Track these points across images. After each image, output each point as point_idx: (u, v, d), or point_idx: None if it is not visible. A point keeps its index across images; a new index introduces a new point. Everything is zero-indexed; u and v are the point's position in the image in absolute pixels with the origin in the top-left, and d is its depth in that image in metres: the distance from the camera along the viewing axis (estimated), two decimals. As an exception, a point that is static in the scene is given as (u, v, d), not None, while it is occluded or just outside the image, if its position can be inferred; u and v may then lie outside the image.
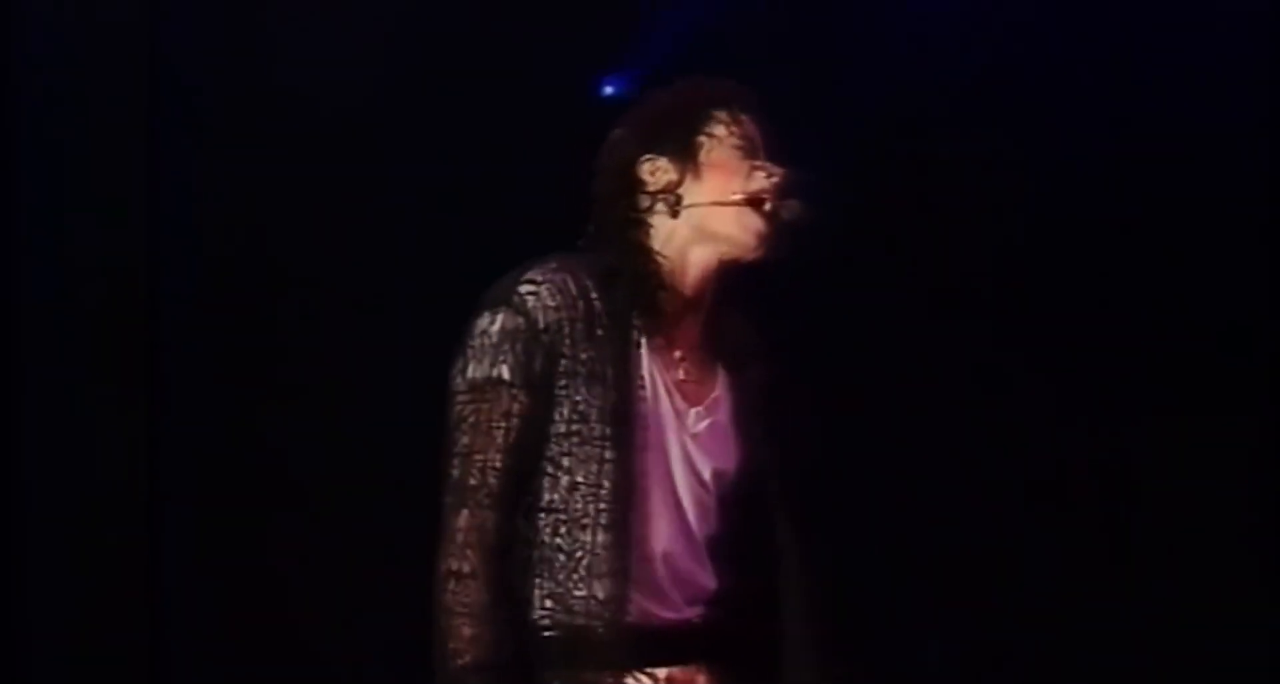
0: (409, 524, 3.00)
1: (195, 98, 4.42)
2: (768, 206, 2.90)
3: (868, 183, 4.38)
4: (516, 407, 2.82)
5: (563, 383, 2.83)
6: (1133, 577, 4.51)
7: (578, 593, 2.83)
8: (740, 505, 2.93)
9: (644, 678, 2.87)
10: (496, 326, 2.83)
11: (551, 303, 2.83)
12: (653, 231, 2.92)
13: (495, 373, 2.82)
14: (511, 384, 2.82)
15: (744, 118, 2.94)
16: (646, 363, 2.88)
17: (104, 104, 4.37)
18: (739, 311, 2.99)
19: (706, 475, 2.91)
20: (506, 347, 2.82)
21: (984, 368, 4.50)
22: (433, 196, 4.38)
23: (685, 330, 2.94)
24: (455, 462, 2.83)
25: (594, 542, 2.83)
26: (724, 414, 2.95)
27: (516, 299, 2.84)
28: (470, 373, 2.84)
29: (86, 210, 4.38)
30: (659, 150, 2.92)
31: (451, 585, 2.79)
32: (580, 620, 2.82)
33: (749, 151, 2.92)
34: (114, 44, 4.36)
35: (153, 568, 4.38)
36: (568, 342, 2.84)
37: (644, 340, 2.89)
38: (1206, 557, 4.47)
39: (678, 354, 2.93)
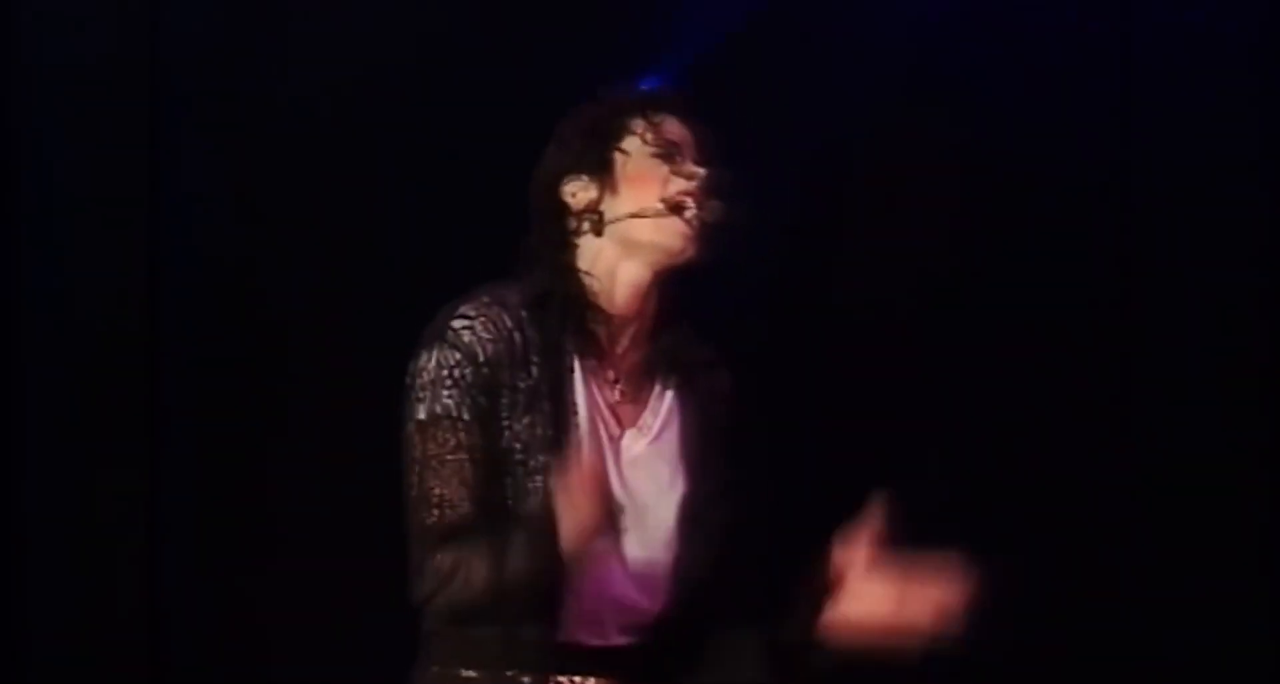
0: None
1: (197, 102, 4.42)
2: (689, 211, 2.89)
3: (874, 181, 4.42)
4: (467, 439, 2.82)
5: (504, 415, 2.84)
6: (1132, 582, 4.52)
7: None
8: (684, 527, 2.91)
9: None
10: (434, 363, 2.84)
11: (487, 335, 2.84)
12: (580, 252, 2.92)
13: (440, 409, 2.83)
14: (459, 418, 2.82)
15: (663, 122, 2.93)
16: (580, 388, 2.88)
17: (105, 110, 4.37)
18: (683, 325, 2.97)
19: (645, 499, 2.89)
20: (449, 382, 2.83)
21: (958, 373, 4.50)
22: (450, 204, 4.36)
23: (621, 351, 2.94)
24: (419, 504, 2.83)
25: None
26: (664, 434, 2.94)
27: (451, 335, 2.84)
28: (418, 414, 2.85)
29: (87, 211, 4.38)
30: (579, 169, 2.93)
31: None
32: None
33: (668, 157, 2.91)
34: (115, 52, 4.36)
35: (153, 570, 4.38)
36: (506, 374, 2.84)
37: (577, 365, 2.89)
38: (1208, 567, 4.47)
39: (612, 375, 2.92)
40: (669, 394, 2.97)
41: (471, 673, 2.87)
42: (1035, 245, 4.50)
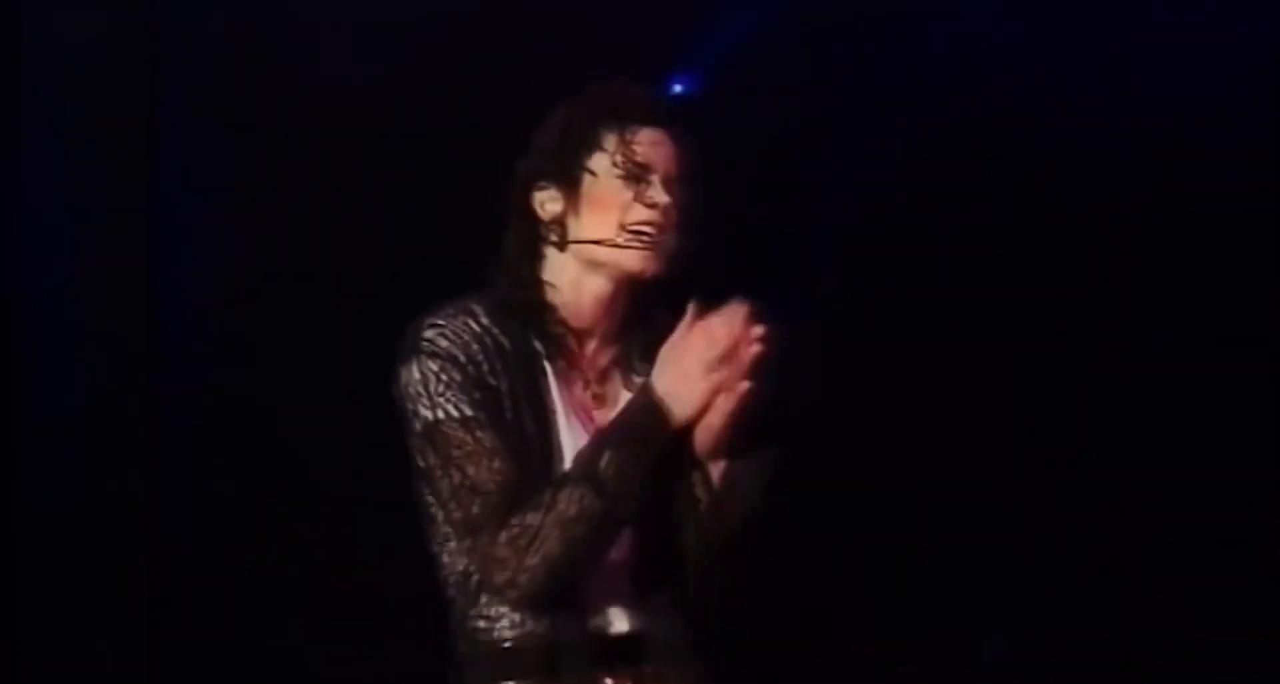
0: (408, 528, 3.01)
1: (196, 114, 4.42)
2: (649, 238, 2.86)
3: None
4: (477, 431, 2.80)
5: (503, 411, 2.83)
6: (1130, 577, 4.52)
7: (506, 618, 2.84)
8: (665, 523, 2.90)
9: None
10: (417, 375, 2.83)
11: (464, 336, 2.83)
12: (546, 262, 2.91)
13: (441, 415, 2.82)
14: (462, 417, 2.80)
15: (638, 137, 2.89)
16: (555, 388, 2.88)
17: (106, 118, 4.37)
18: (649, 322, 2.94)
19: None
20: (440, 388, 2.81)
21: (954, 373, 4.51)
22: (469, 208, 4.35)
23: (590, 354, 2.93)
24: (459, 500, 2.80)
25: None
26: None
27: (426, 344, 2.83)
28: (418, 427, 2.83)
29: (87, 213, 4.38)
30: (549, 178, 2.90)
31: (531, 562, 2.77)
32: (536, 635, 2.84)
33: (634, 180, 2.87)
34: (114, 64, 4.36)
35: (153, 571, 4.37)
36: (489, 371, 2.83)
37: (549, 366, 2.88)
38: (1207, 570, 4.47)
39: (583, 379, 2.91)
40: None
41: None
42: (1037, 246, 4.51)
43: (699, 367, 2.78)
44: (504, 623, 2.84)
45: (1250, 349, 4.50)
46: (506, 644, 2.84)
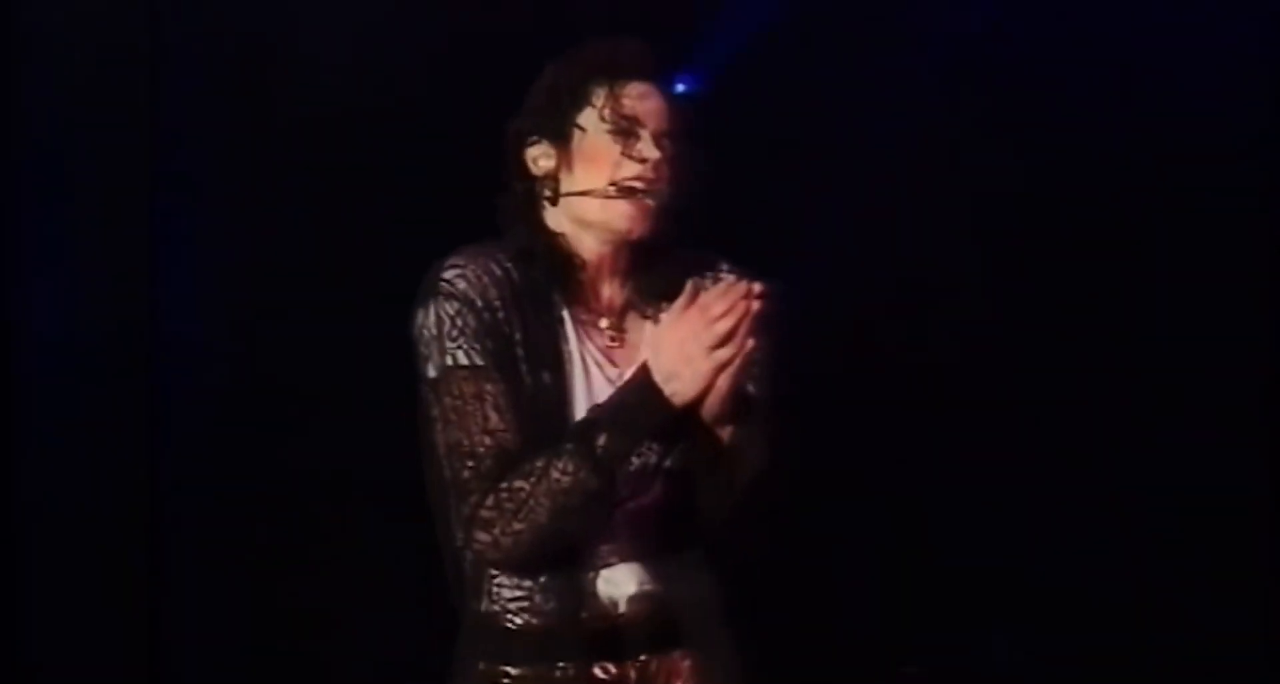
0: (410, 528, 3.01)
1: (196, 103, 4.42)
2: (638, 194, 2.83)
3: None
4: (484, 386, 2.77)
5: (519, 361, 2.81)
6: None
7: (529, 584, 2.83)
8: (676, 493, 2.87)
9: (610, 668, 2.86)
10: (433, 318, 2.80)
11: (485, 279, 2.80)
12: (547, 212, 2.89)
13: (450, 361, 2.79)
14: (471, 366, 2.77)
15: (627, 92, 2.86)
16: (572, 336, 2.85)
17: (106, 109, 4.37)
18: (662, 256, 2.91)
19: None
20: (454, 333, 2.78)
21: (960, 365, 4.51)
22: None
23: (607, 297, 2.90)
24: (452, 458, 2.78)
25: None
26: None
27: (445, 285, 2.80)
28: (429, 372, 2.81)
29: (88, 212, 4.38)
30: (540, 134, 2.88)
31: (519, 544, 2.75)
32: (540, 615, 2.82)
33: (623, 135, 2.85)
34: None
35: (153, 571, 4.38)
36: (504, 318, 2.80)
37: (566, 313, 2.86)
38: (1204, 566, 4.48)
39: (603, 322, 2.89)
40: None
41: (516, 669, 2.85)
42: (1040, 248, 4.51)
43: (699, 349, 2.72)
44: (511, 603, 2.84)
45: (1252, 349, 4.50)
46: (512, 625, 2.84)
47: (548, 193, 2.87)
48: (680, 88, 3.08)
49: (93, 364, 4.34)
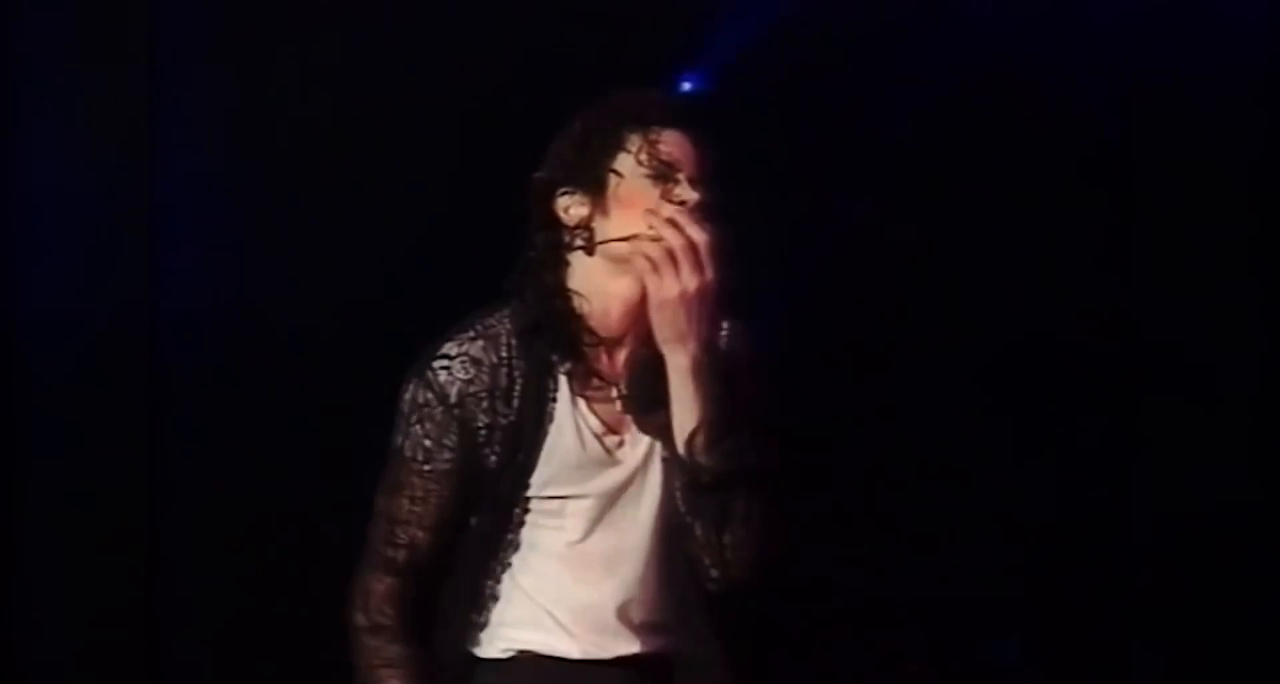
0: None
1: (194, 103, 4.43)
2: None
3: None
4: (420, 483, 2.88)
5: (484, 450, 2.86)
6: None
7: (502, 634, 2.90)
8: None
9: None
10: (409, 398, 2.90)
11: (464, 376, 2.87)
12: (572, 270, 2.89)
13: (403, 446, 2.89)
14: (415, 460, 2.88)
15: (661, 137, 2.86)
16: (565, 415, 2.88)
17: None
18: None
19: (649, 512, 2.90)
20: (415, 420, 2.88)
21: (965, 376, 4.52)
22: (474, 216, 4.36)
23: (619, 367, 2.91)
24: (373, 525, 2.92)
25: (501, 587, 2.90)
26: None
27: (430, 374, 2.88)
28: (395, 441, 2.91)
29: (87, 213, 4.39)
30: (573, 184, 2.88)
31: (366, 640, 2.91)
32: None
33: (661, 179, 2.85)
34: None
35: (153, 571, 4.38)
36: (484, 409, 2.86)
37: (566, 391, 2.88)
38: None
39: (614, 391, 2.90)
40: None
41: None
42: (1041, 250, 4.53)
43: (683, 306, 2.79)
44: (501, 635, 2.90)
45: (1254, 349, 4.51)
46: (505, 655, 2.90)
47: (580, 242, 2.87)
48: (688, 86, 3.09)
49: (93, 366, 4.36)
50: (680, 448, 2.82)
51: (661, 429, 2.86)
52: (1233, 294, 4.55)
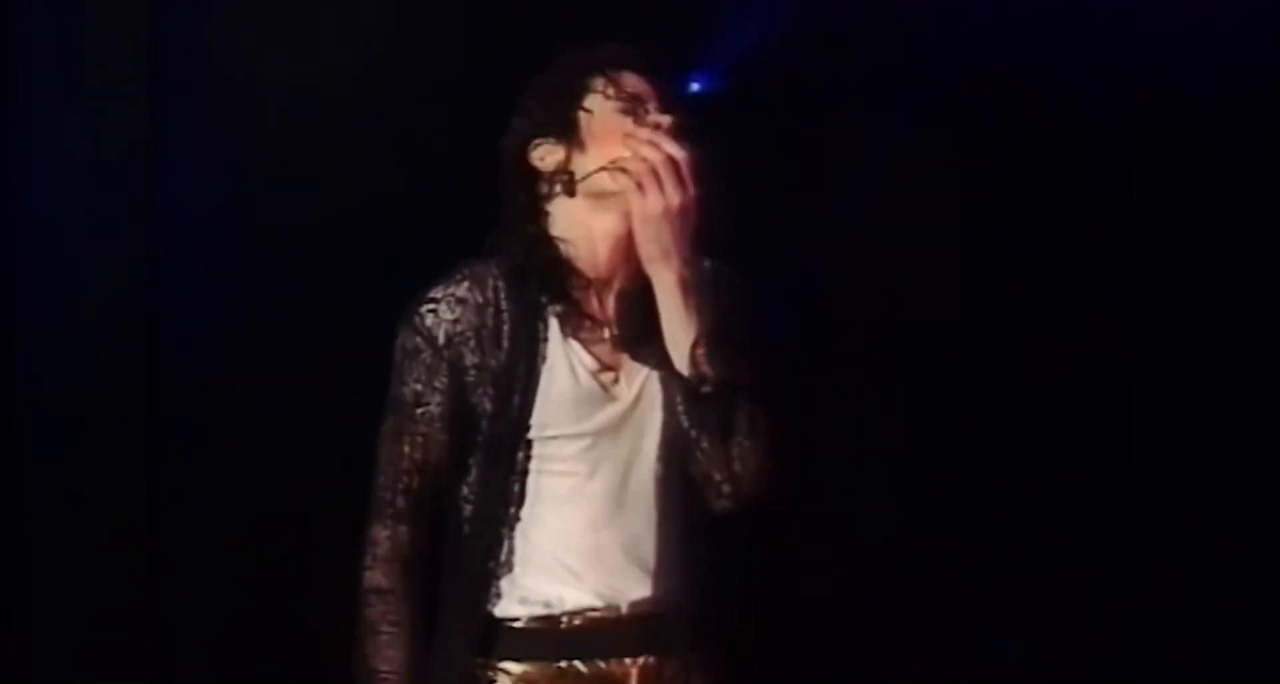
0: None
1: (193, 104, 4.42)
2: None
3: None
4: (415, 427, 2.91)
5: (477, 391, 2.89)
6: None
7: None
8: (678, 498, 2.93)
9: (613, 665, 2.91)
10: (399, 344, 2.94)
11: (450, 316, 2.90)
12: (553, 218, 2.93)
13: (398, 393, 2.93)
14: (413, 404, 2.91)
15: (622, 77, 2.93)
16: (558, 353, 2.90)
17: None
18: None
19: (651, 446, 2.92)
20: (407, 365, 2.92)
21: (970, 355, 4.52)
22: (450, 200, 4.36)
23: (611, 308, 2.94)
24: (375, 475, 2.95)
25: (513, 541, 2.90)
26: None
27: (416, 319, 2.93)
28: (390, 389, 2.94)
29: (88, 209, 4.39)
30: (545, 132, 2.93)
31: (373, 601, 2.93)
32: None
33: (631, 109, 2.91)
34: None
35: (152, 570, 4.38)
36: (471, 351, 2.89)
37: (556, 333, 2.90)
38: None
39: (608, 332, 2.93)
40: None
41: (518, 667, 2.92)
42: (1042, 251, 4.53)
43: (667, 221, 2.81)
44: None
45: (1257, 349, 4.51)
46: (517, 623, 2.90)
47: (560, 187, 2.92)
48: (695, 86, 3.11)
49: (93, 365, 4.35)
50: (682, 362, 2.83)
51: (659, 358, 2.88)
52: (1233, 294, 4.54)
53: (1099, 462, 4.54)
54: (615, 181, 2.87)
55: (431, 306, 2.91)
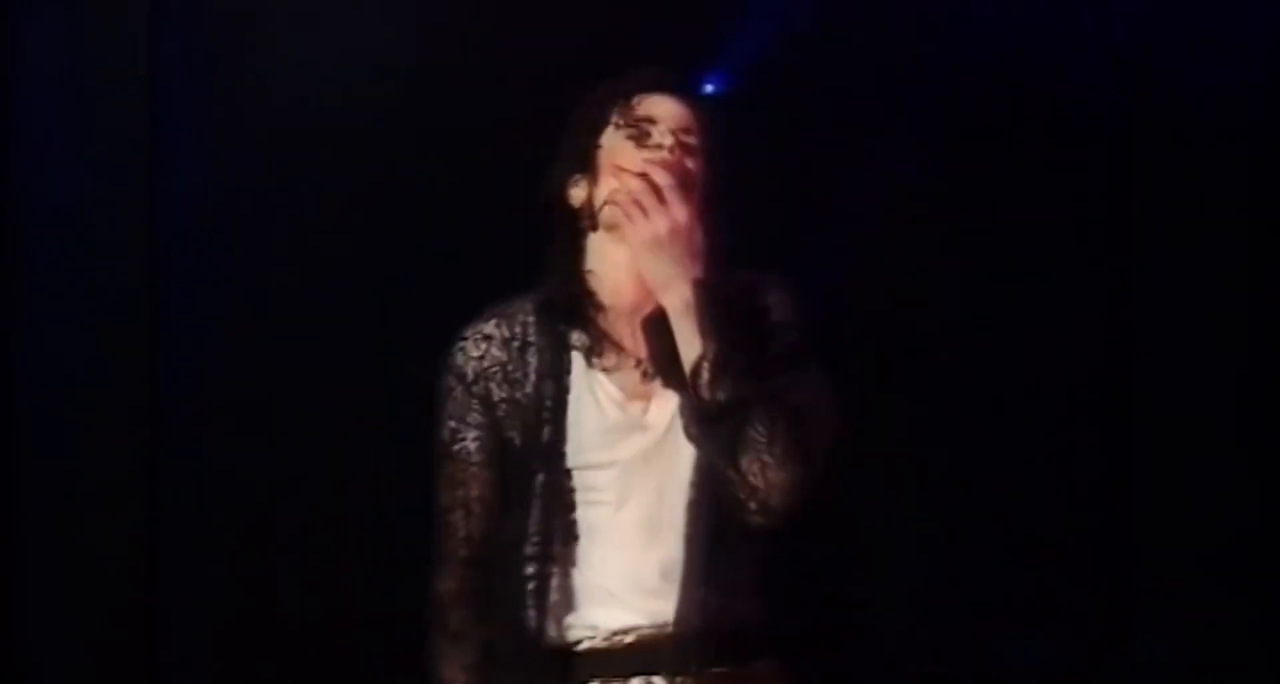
0: (410, 529, 3.02)
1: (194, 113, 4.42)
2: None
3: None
4: (457, 467, 2.95)
5: (507, 424, 2.93)
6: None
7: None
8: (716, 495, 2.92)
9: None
10: (442, 387, 2.97)
11: (477, 353, 2.95)
12: (587, 253, 2.97)
13: (439, 434, 2.98)
14: (450, 442, 2.96)
15: (638, 102, 2.94)
16: (587, 384, 2.92)
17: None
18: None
19: (684, 473, 2.92)
20: (447, 407, 2.97)
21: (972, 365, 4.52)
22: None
23: (640, 333, 2.94)
24: (439, 510, 2.98)
25: (550, 570, 2.92)
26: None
27: (449, 359, 2.98)
28: (438, 430, 2.98)
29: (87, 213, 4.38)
30: (574, 170, 2.97)
31: (447, 648, 2.94)
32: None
33: (639, 136, 2.92)
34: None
35: (152, 570, 4.38)
36: (499, 386, 2.94)
37: (580, 366, 2.93)
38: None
39: (632, 362, 2.94)
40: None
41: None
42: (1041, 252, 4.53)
43: (660, 248, 2.82)
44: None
45: (1257, 349, 4.51)
46: (581, 646, 2.92)
47: (585, 222, 2.95)
48: (709, 88, 3.12)
49: (93, 365, 4.35)
50: (688, 385, 2.84)
51: (682, 382, 2.88)
52: (1233, 294, 4.54)
53: (1102, 460, 4.54)
54: (612, 214, 2.89)
55: (461, 345, 2.96)
